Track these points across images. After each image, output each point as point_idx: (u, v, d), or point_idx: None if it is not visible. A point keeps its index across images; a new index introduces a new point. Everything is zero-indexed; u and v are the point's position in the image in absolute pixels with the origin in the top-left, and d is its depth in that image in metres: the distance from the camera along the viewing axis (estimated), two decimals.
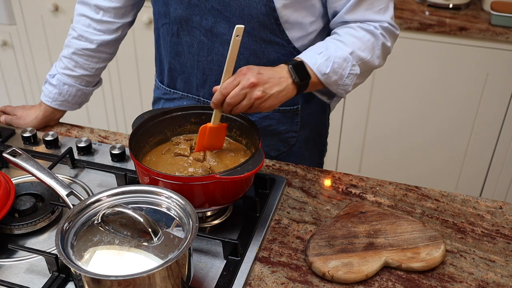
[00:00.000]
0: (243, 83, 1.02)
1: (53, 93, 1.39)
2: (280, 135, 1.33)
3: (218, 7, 1.15)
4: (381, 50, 1.18)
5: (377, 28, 1.16)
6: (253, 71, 1.04)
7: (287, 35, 1.17)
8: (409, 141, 2.36)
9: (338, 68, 1.12)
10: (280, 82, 1.06)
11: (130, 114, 2.70)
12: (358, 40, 1.14)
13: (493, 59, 2.09)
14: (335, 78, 1.13)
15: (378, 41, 1.16)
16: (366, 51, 1.15)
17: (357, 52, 1.14)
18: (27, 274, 0.98)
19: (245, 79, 1.02)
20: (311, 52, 1.13)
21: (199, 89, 1.29)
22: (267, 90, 1.04)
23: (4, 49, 2.71)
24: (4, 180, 1.06)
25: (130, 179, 1.17)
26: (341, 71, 1.13)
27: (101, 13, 1.31)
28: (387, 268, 0.99)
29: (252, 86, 1.02)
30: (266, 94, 1.04)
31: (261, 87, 1.03)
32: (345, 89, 1.17)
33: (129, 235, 0.88)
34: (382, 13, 1.16)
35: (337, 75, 1.13)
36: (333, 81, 1.14)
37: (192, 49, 1.24)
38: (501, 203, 1.16)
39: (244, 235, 1.04)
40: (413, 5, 2.25)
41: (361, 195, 1.18)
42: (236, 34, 0.99)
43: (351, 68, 1.14)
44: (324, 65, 1.11)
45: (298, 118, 1.32)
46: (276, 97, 1.06)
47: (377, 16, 1.16)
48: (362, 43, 1.14)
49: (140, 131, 1.12)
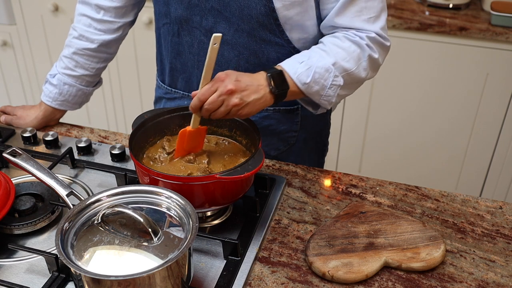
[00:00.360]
0: (220, 90, 1.01)
1: (53, 93, 1.39)
2: (280, 134, 1.33)
3: (218, 7, 1.15)
4: (367, 62, 1.14)
5: (363, 39, 1.13)
6: (231, 77, 1.03)
7: (287, 35, 1.17)
8: (409, 141, 2.36)
9: (320, 78, 1.10)
10: (258, 90, 1.05)
11: (130, 114, 2.71)
12: (343, 51, 1.12)
13: (493, 59, 2.09)
14: (317, 88, 1.11)
15: (365, 53, 1.13)
16: (350, 62, 1.12)
17: (341, 62, 1.11)
18: (27, 274, 0.98)
19: (222, 86, 1.01)
20: (293, 60, 1.11)
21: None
22: (244, 98, 1.03)
23: (4, 49, 2.71)
24: (4, 180, 1.06)
25: (130, 179, 1.17)
26: (322, 81, 1.10)
27: (102, 12, 1.31)
28: (387, 268, 0.99)
29: (229, 93, 1.01)
30: (243, 101, 1.03)
31: (238, 95, 1.02)
32: (328, 100, 1.14)
33: (129, 235, 0.88)
34: (372, 23, 1.14)
35: (318, 85, 1.10)
36: (315, 91, 1.11)
37: (192, 49, 1.24)
38: (501, 203, 1.16)
39: (244, 235, 1.04)
40: (413, 5, 2.25)
41: (361, 195, 1.18)
42: (214, 42, 0.99)
43: (333, 78, 1.11)
44: (305, 74, 1.09)
45: (298, 118, 1.32)
46: (253, 104, 1.04)
47: (366, 25, 1.13)
48: (347, 53, 1.12)
49: (140, 131, 1.12)
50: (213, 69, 1.03)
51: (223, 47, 1.20)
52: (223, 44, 1.19)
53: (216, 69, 1.23)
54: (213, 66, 1.02)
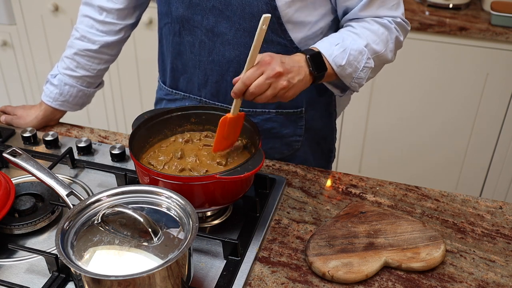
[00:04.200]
0: (268, 73, 1.00)
1: (54, 93, 1.39)
2: (284, 138, 1.31)
3: (219, 6, 1.14)
4: (394, 44, 1.18)
5: (391, 22, 1.16)
6: (277, 60, 1.02)
7: (290, 35, 1.16)
8: (409, 141, 2.36)
9: (354, 60, 1.12)
10: (300, 71, 1.05)
11: (130, 114, 2.71)
12: (373, 33, 1.14)
13: (493, 59, 2.09)
14: (350, 71, 1.13)
15: (392, 35, 1.17)
16: (380, 45, 1.15)
17: (372, 45, 1.14)
18: (27, 274, 0.98)
19: (270, 69, 1.00)
20: (327, 43, 1.12)
21: (200, 89, 1.29)
22: (291, 80, 1.03)
23: (4, 49, 2.71)
24: (4, 180, 1.06)
25: (130, 179, 1.17)
26: (356, 63, 1.12)
27: (104, 14, 1.31)
28: (387, 268, 0.99)
29: (277, 76, 1.00)
30: (290, 83, 1.03)
31: (286, 77, 1.02)
32: (359, 82, 1.16)
33: (129, 235, 0.88)
34: (395, 9, 1.17)
35: (352, 67, 1.12)
36: (348, 73, 1.13)
37: (193, 49, 1.23)
38: (501, 203, 1.16)
39: (244, 235, 1.04)
40: (413, 5, 2.25)
41: (361, 195, 1.18)
42: (263, 24, 0.97)
43: (366, 61, 1.13)
44: (340, 57, 1.10)
45: (302, 122, 1.30)
46: (298, 86, 1.05)
47: (390, 12, 1.17)
48: (377, 36, 1.14)
49: (140, 131, 1.12)
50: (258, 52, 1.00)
51: (224, 46, 1.19)
52: (224, 44, 1.19)
53: (216, 70, 1.23)
54: (259, 49, 1.00)
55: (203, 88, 1.28)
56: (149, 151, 1.14)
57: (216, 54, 1.21)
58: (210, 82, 1.26)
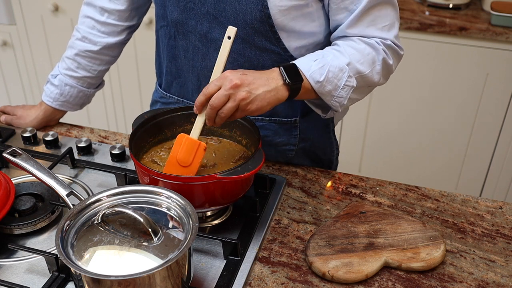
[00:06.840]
0: (225, 84, 0.98)
1: (54, 93, 1.39)
2: (277, 146, 1.29)
3: (213, 12, 1.12)
4: (381, 66, 1.12)
5: (379, 44, 1.11)
6: (237, 73, 1.00)
7: (283, 43, 1.14)
8: (409, 141, 2.36)
9: (333, 77, 1.07)
10: (267, 83, 1.01)
11: (130, 114, 2.71)
12: (358, 52, 1.09)
13: (493, 59, 2.09)
14: (329, 88, 1.08)
15: (379, 56, 1.10)
16: (365, 65, 1.10)
17: (355, 64, 1.09)
18: (27, 274, 0.98)
19: (227, 81, 0.98)
20: (306, 58, 1.08)
21: (194, 94, 1.27)
22: (252, 91, 0.99)
23: (4, 49, 2.71)
24: (4, 180, 1.06)
25: (130, 179, 1.17)
26: (336, 81, 1.07)
27: (106, 15, 1.31)
28: (387, 268, 0.99)
29: (235, 87, 0.98)
30: (251, 94, 0.99)
31: (245, 88, 0.99)
32: (339, 101, 1.10)
33: (129, 235, 0.88)
34: (386, 31, 1.12)
35: (331, 85, 1.07)
36: (327, 91, 1.08)
37: (187, 54, 1.22)
38: (501, 203, 1.16)
39: (244, 235, 1.04)
40: (413, 5, 2.25)
41: (361, 195, 1.18)
42: (228, 35, 0.96)
43: (347, 79, 1.08)
44: (319, 72, 1.06)
45: (296, 131, 1.27)
46: (263, 98, 1.01)
47: (380, 33, 1.11)
48: (362, 55, 1.09)
49: (140, 131, 1.12)
50: (225, 65, 0.99)
51: (217, 52, 1.16)
52: (217, 49, 1.16)
53: (209, 76, 1.21)
54: (225, 62, 0.99)
55: (196, 93, 1.26)
56: (149, 151, 1.14)
57: (209, 60, 1.19)
58: (203, 87, 1.24)
